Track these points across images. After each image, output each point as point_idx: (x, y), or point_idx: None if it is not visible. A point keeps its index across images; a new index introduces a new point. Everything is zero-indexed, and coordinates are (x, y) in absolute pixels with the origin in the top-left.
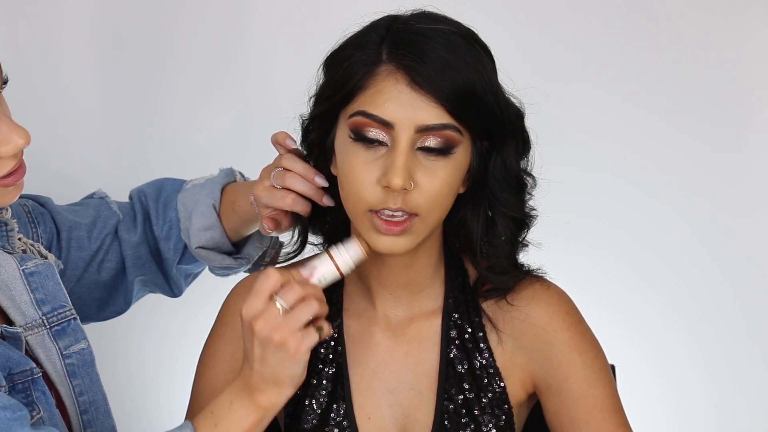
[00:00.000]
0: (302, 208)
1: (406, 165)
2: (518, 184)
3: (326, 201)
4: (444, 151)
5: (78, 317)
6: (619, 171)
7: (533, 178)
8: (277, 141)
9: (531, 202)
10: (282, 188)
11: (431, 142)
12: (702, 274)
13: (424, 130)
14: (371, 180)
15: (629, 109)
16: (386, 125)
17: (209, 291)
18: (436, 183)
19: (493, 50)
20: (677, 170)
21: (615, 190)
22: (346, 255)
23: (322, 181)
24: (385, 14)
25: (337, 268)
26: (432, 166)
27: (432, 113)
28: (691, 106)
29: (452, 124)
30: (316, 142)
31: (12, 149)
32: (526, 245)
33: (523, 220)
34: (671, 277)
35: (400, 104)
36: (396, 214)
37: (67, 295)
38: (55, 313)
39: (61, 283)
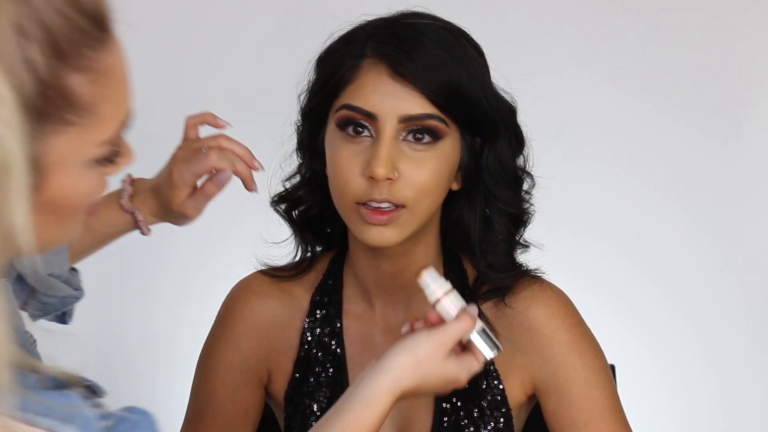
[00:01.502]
0: (227, 164)
1: (388, 155)
2: (514, 179)
3: (255, 187)
4: (429, 141)
5: None
6: (620, 166)
7: (531, 177)
8: (204, 121)
9: (532, 199)
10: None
11: (416, 132)
12: (705, 271)
13: (407, 120)
14: (356, 172)
15: (632, 103)
16: (370, 117)
17: (208, 292)
18: (422, 173)
19: (491, 43)
20: (681, 164)
21: (616, 185)
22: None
23: (260, 166)
24: (378, 16)
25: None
26: (418, 157)
27: (415, 103)
28: (695, 98)
29: (436, 114)
30: (306, 141)
31: (127, 162)
32: (527, 246)
33: (520, 217)
34: (673, 274)
35: (382, 95)
36: (382, 205)
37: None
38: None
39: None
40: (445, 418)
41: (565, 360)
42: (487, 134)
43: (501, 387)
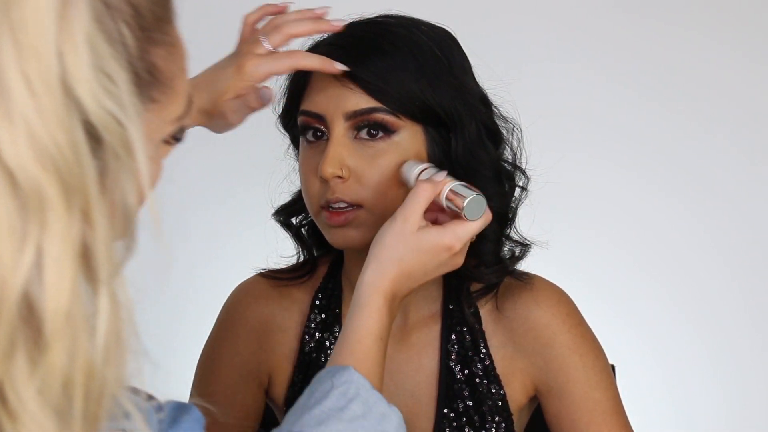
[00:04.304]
0: (318, 62)
1: (336, 153)
2: (492, 173)
3: (339, 66)
4: (382, 136)
5: None
6: (622, 164)
7: (524, 172)
8: (265, 13)
9: (531, 196)
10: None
11: (366, 128)
12: (707, 271)
13: (353, 116)
14: (314, 176)
15: (635, 99)
16: (319, 119)
17: (209, 294)
18: (375, 170)
19: (492, 38)
20: (683, 163)
21: (617, 183)
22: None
23: (321, 11)
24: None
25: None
26: (371, 154)
27: (359, 99)
28: (699, 96)
29: (381, 107)
30: (294, 151)
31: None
32: (527, 245)
33: (504, 215)
34: (674, 274)
35: (328, 95)
36: (338, 205)
37: None
38: None
39: None
40: (446, 423)
41: (567, 361)
42: (450, 126)
43: (502, 393)
